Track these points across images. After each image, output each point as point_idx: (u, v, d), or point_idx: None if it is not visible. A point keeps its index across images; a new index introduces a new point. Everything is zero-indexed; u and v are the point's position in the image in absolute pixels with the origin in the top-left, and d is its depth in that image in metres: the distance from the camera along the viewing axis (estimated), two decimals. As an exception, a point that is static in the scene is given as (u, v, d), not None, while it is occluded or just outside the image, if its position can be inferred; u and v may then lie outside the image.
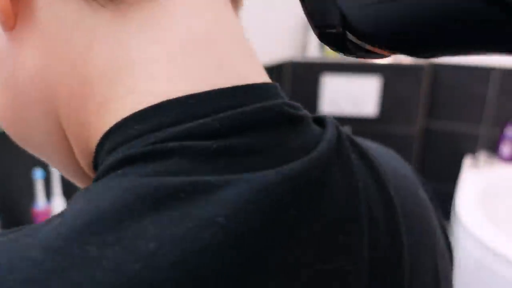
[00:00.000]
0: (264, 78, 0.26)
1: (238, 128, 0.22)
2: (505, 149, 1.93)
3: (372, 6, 0.16)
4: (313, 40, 1.92)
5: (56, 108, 0.26)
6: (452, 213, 1.62)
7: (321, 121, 0.27)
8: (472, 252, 1.39)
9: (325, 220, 0.23)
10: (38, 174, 1.04)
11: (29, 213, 1.09)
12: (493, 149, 1.98)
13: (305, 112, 0.26)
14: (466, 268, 1.43)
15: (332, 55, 1.91)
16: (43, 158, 0.31)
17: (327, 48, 1.94)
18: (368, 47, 0.18)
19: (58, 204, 1.09)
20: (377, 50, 0.18)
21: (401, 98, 1.92)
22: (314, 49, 1.94)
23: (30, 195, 1.08)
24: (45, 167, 1.09)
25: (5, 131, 0.30)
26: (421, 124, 2.02)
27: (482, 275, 1.34)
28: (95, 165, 0.25)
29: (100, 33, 0.24)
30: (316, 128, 0.26)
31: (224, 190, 0.20)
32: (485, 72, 1.92)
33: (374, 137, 0.43)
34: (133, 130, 0.23)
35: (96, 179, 0.23)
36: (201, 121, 0.22)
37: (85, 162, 0.27)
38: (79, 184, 0.31)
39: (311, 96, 1.89)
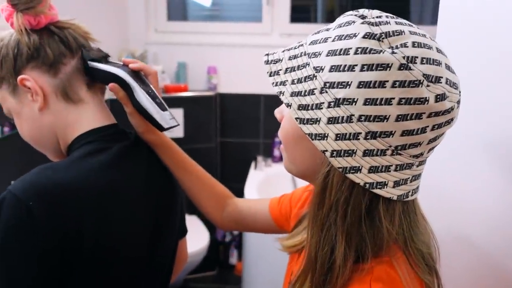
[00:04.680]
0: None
1: (109, 136, 0.76)
2: (275, 153, 2.72)
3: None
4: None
5: (55, 132, 0.74)
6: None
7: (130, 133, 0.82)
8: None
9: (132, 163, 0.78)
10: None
11: None
12: (269, 154, 2.75)
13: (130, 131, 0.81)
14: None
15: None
16: (44, 152, 0.77)
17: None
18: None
19: None
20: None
21: (201, 122, 2.55)
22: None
23: None
24: None
25: (31, 143, 0.76)
26: (218, 140, 2.68)
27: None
28: (68, 151, 0.74)
29: (69, 110, 0.74)
30: (131, 135, 0.81)
31: (107, 151, 0.73)
32: (256, 98, 2.68)
33: (185, 152, 0.92)
34: (82, 138, 0.73)
35: (68, 155, 0.73)
36: (101, 134, 0.75)
37: (64, 150, 0.75)
38: (59, 159, 0.78)
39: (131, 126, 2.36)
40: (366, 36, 0.50)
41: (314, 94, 0.52)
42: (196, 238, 2.30)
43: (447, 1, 0.90)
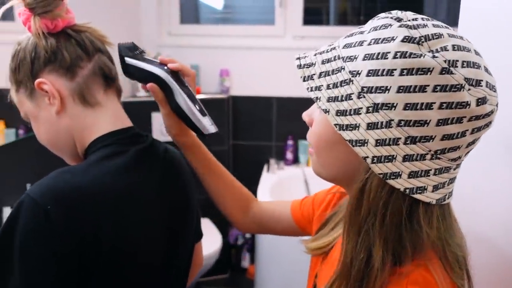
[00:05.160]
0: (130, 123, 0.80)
1: (126, 139, 0.75)
2: (288, 156, 2.70)
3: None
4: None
5: (73, 135, 0.74)
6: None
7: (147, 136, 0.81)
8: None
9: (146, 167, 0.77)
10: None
11: None
12: (281, 156, 2.74)
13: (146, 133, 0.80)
14: (266, 234, 2.09)
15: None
16: (61, 156, 0.77)
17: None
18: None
19: None
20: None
21: (213, 125, 2.54)
22: (142, 91, 2.43)
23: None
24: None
25: (47, 147, 0.76)
26: (230, 143, 2.68)
27: (277, 236, 1.99)
28: (85, 154, 0.74)
29: (86, 113, 0.73)
30: (147, 138, 0.79)
31: (124, 154, 0.72)
32: (269, 101, 2.67)
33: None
34: (99, 141, 0.73)
35: (85, 158, 0.72)
36: (119, 137, 0.74)
37: (81, 153, 0.75)
38: (76, 163, 0.78)
39: (145, 129, 2.37)
40: (405, 40, 0.49)
41: (352, 99, 0.51)
42: (209, 241, 2.30)
43: (469, 3, 0.88)
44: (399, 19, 0.52)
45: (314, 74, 0.55)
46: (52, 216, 0.60)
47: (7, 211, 1.40)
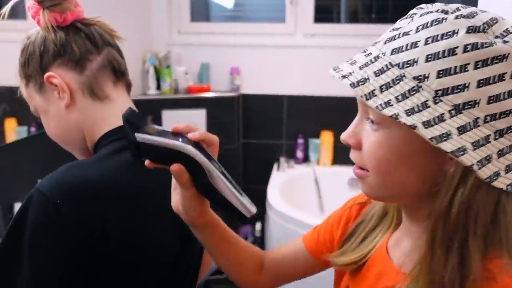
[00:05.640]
0: None
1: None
2: (298, 154, 2.69)
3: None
4: (151, 82, 2.42)
5: (82, 129, 0.73)
6: (266, 202, 2.26)
7: None
8: (278, 222, 2.04)
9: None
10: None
11: None
12: (291, 155, 2.73)
13: None
14: (276, 233, 2.08)
15: (167, 94, 2.43)
16: (71, 150, 0.77)
17: (163, 88, 2.45)
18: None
19: None
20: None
21: (223, 123, 2.54)
22: (152, 89, 2.44)
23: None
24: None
25: (57, 142, 0.76)
26: (240, 141, 2.67)
27: (287, 235, 1.99)
28: (95, 148, 0.73)
29: (95, 107, 0.73)
30: None
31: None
32: (279, 99, 2.66)
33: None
34: (109, 135, 0.72)
35: (95, 152, 0.72)
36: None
37: (91, 147, 0.75)
38: (86, 157, 0.78)
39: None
40: (470, 31, 0.47)
41: (429, 106, 0.48)
42: (218, 239, 2.29)
43: (486, 2, 0.86)
44: (445, 11, 0.50)
45: (374, 90, 0.50)
46: (62, 210, 0.60)
47: (18, 207, 1.40)
